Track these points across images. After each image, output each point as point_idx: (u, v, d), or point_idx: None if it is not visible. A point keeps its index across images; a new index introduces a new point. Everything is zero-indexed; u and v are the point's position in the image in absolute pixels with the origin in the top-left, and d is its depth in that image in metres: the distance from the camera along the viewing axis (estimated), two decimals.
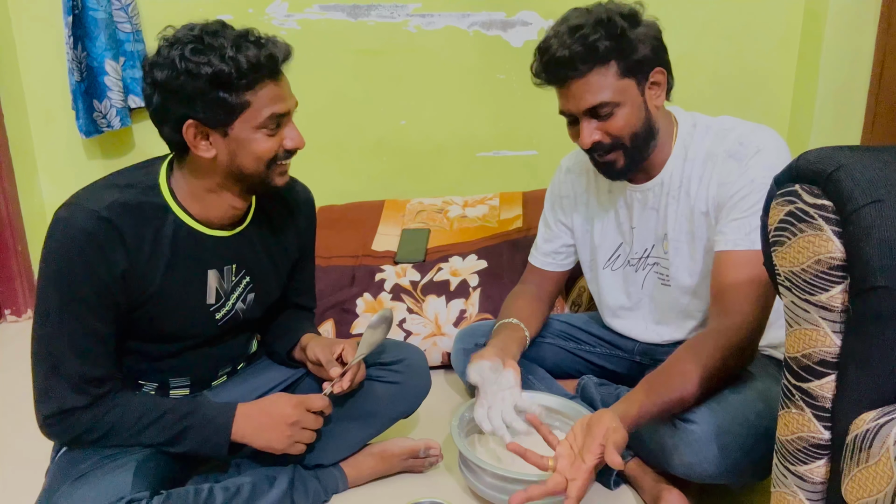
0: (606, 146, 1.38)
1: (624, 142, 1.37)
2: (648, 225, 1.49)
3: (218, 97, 1.16)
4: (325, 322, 1.97)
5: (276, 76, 1.20)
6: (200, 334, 1.34)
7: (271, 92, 1.19)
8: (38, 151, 2.44)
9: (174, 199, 1.26)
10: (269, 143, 1.22)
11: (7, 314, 2.38)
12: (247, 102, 1.18)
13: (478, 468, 1.40)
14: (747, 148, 1.35)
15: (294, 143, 1.25)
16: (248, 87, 1.17)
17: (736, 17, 2.45)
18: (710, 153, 1.40)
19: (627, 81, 1.34)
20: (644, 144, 1.40)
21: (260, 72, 1.16)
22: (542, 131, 2.52)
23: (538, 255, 1.70)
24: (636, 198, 1.49)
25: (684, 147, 1.43)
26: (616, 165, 1.40)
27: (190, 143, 1.20)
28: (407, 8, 2.40)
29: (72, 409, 1.21)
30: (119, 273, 1.19)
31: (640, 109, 1.36)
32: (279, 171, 1.27)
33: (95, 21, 2.21)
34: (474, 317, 1.95)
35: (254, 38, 1.18)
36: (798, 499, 0.99)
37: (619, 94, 1.33)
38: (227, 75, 1.14)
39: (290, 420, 1.30)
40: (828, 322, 0.92)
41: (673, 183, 1.44)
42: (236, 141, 1.20)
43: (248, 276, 1.37)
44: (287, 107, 1.23)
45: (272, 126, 1.21)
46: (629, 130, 1.36)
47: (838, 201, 0.89)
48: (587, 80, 1.32)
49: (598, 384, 1.62)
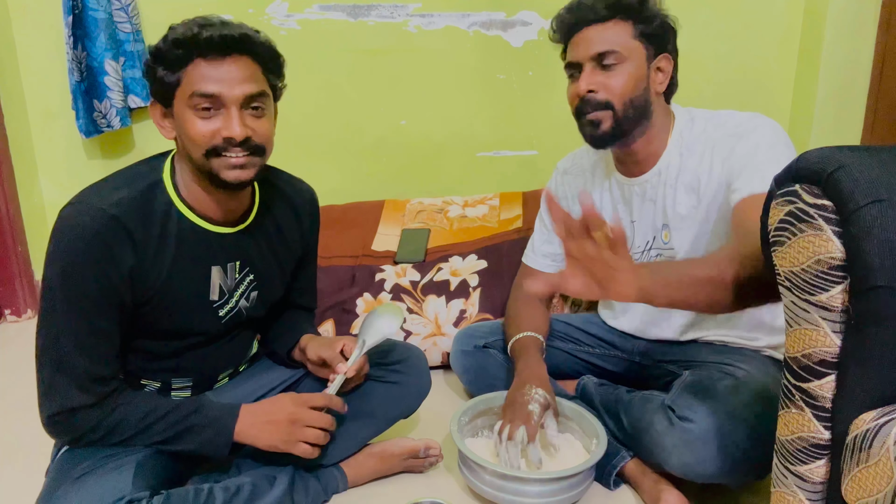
0: (599, 101, 1.39)
1: (615, 104, 1.38)
2: (648, 217, 1.50)
3: (157, 73, 1.19)
4: (325, 322, 1.97)
5: (207, 56, 1.17)
6: (204, 332, 1.34)
7: (202, 71, 1.17)
8: (38, 151, 2.44)
9: (178, 196, 1.26)
10: (199, 125, 1.18)
11: (7, 314, 2.38)
12: (178, 79, 1.19)
13: (477, 467, 1.40)
14: (745, 126, 1.39)
15: (228, 131, 1.17)
16: (177, 63, 1.18)
17: (736, 17, 2.45)
18: (708, 138, 1.42)
19: (638, 45, 1.39)
20: (634, 118, 1.40)
21: (185, 49, 1.17)
22: (542, 131, 2.52)
23: (535, 256, 1.70)
24: (634, 191, 1.49)
25: (681, 138, 1.45)
26: (601, 126, 1.40)
27: (155, 121, 1.24)
28: (407, 8, 2.40)
29: (77, 408, 1.21)
30: (126, 271, 1.19)
31: (641, 78, 1.40)
32: (225, 165, 1.19)
33: (95, 21, 2.21)
34: (474, 317, 1.95)
35: (203, 22, 1.19)
36: (798, 499, 0.99)
37: (629, 51, 1.38)
38: (160, 50, 1.18)
39: (291, 417, 1.30)
40: (828, 322, 0.92)
41: (670, 173, 1.45)
42: (178, 120, 1.21)
43: (251, 274, 1.37)
44: (217, 89, 1.17)
45: (203, 106, 1.18)
46: (625, 93, 1.38)
47: (838, 201, 0.89)
48: (604, 26, 1.38)
49: (598, 384, 1.62)
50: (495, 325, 1.76)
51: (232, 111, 1.18)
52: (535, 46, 2.44)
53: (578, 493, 1.40)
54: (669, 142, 1.45)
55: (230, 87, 1.18)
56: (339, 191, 2.49)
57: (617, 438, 1.49)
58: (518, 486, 1.37)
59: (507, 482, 1.37)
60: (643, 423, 1.40)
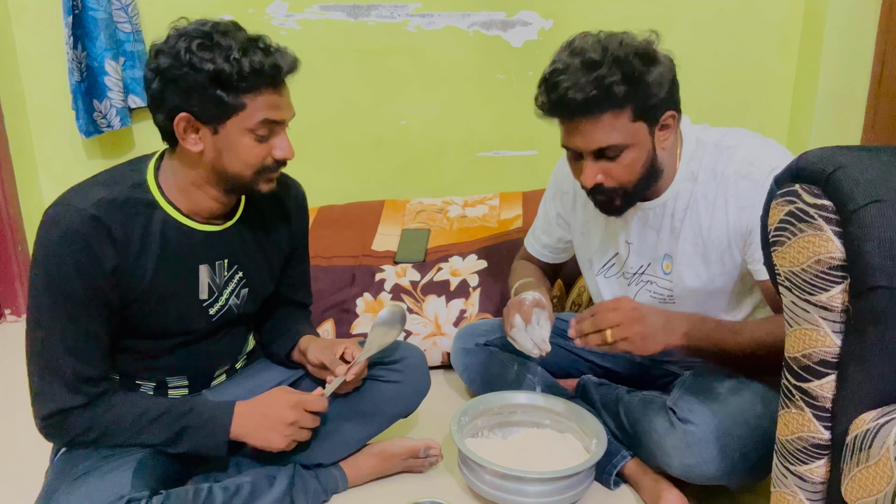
0: (608, 189, 1.33)
1: (626, 187, 1.33)
2: (647, 243, 1.47)
3: (215, 95, 1.16)
4: (325, 322, 1.96)
5: (276, 85, 1.20)
6: (194, 330, 1.34)
7: (269, 99, 1.20)
8: (38, 151, 2.44)
9: (162, 195, 1.26)
10: (256, 149, 1.22)
11: (7, 314, 2.38)
12: (242, 105, 1.18)
13: (477, 466, 1.40)
14: (760, 168, 1.30)
15: (283, 153, 1.25)
16: (246, 90, 1.17)
17: (736, 17, 2.45)
18: (718, 174, 1.35)
19: (639, 125, 1.28)
20: (645, 185, 1.35)
21: (261, 78, 1.17)
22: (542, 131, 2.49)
23: (535, 244, 1.70)
24: (636, 216, 1.45)
25: (690, 168, 1.38)
26: (613, 204, 1.37)
27: (179, 134, 1.20)
28: (407, 8, 2.40)
29: (68, 410, 1.21)
30: (109, 270, 1.19)
31: (647, 152, 1.31)
32: (266, 179, 1.27)
33: (95, 21, 2.21)
34: (474, 317, 1.95)
35: (263, 46, 1.19)
36: (798, 499, 0.99)
37: (630, 137, 1.28)
38: (228, 75, 1.15)
39: (288, 420, 1.30)
40: (828, 322, 0.92)
41: (678, 205, 1.40)
42: (225, 140, 1.21)
43: (240, 271, 1.37)
44: (282, 116, 1.23)
45: (263, 132, 1.21)
46: (633, 175, 1.31)
47: (838, 201, 0.89)
48: (599, 120, 1.26)
49: (598, 384, 1.61)
50: (496, 323, 1.76)
51: (284, 134, 1.25)
52: (535, 46, 2.44)
53: (578, 492, 1.40)
54: (678, 173, 1.39)
55: (286, 113, 1.24)
56: (339, 191, 2.49)
57: (617, 438, 1.49)
58: (518, 486, 1.37)
59: (506, 482, 1.37)
60: (644, 425, 1.40)
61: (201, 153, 1.22)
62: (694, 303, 1.44)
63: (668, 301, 1.48)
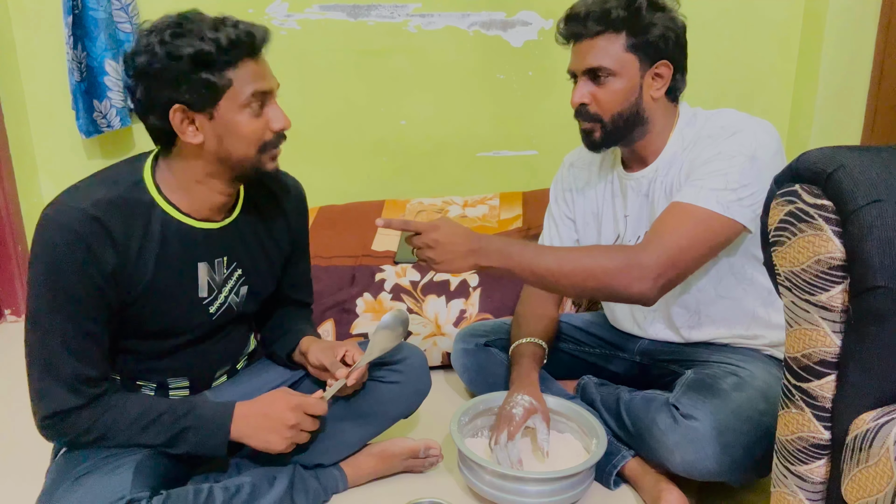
0: (589, 114, 1.41)
1: (603, 117, 1.40)
2: (641, 213, 1.50)
3: (201, 78, 1.17)
4: (325, 322, 1.96)
5: (255, 54, 1.21)
6: (195, 329, 1.34)
7: (252, 69, 1.20)
8: (38, 151, 2.44)
9: (160, 194, 1.26)
10: (253, 124, 1.22)
11: (7, 314, 2.38)
12: (229, 81, 1.18)
13: (477, 467, 1.40)
14: (726, 130, 1.37)
15: (280, 123, 1.24)
16: (228, 64, 1.17)
17: (736, 17, 2.45)
18: (699, 136, 1.41)
19: (630, 57, 1.37)
20: (625, 128, 1.41)
21: (240, 48, 1.18)
22: (542, 131, 2.52)
23: None
24: (630, 185, 1.50)
25: (682, 136, 1.44)
26: (592, 135, 1.43)
27: (177, 128, 1.20)
28: (407, 8, 2.40)
29: (68, 410, 1.21)
30: (109, 271, 1.19)
31: (633, 90, 1.39)
32: (270, 156, 1.27)
33: (95, 21, 2.21)
34: (474, 317, 1.95)
35: (231, 22, 1.19)
36: (798, 499, 0.99)
37: (619, 65, 1.37)
38: (208, 54, 1.15)
39: (289, 423, 1.30)
40: (828, 322, 0.92)
41: (665, 170, 1.45)
42: (223, 123, 1.20)
43: (239, 269, 1.37)
44: (269, 85, 1.23)
45: (255, 105, 1.21)
46: (613, 107, 1.39)
47: (838, 201, 0.89)
48: (594, 42, 1.37)
49: (598, 384, 1.62)
50: (497, 324, 1.76)
51: (276, 105, 1.25)
52: (534, 46, 2.44)
53: (578, 492, 1.40)
54: (670, 140, 1.45)
55: (271, 82, 1.24)
56: (339, 191, 2.49)
57: (618, 437, 1.49)
58: (518, 486, 1.37)
59: (507, 482, 1.37)
60: (646, 422, 1.40)
61: (202, 144, 1.22)
62: None
63: None
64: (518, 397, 1.46)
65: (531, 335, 1.58)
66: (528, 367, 1.53)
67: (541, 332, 1.60)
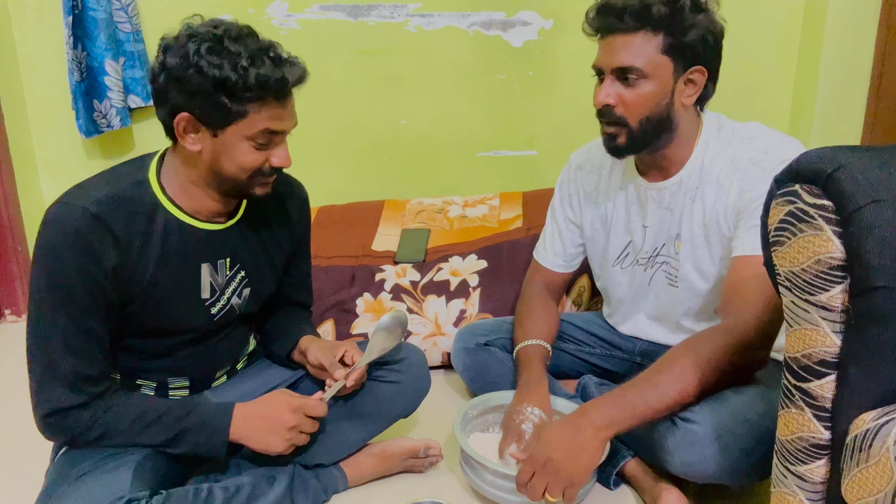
0: (614, 116, 1.34)
1: (630, 121, 1.34)
2: (662, 224, 1.48)
3: (219, 100, 1.16)
4: (325, 322, 1.97)
5: (281, 97, 1.20)
6: (196, 329, 1.34)
7: (272, 110, 1.19)
8: (38, 151, 2.44)
9: (164, 194, 1.26)
10: (253, 155, 1.22)
11: (7, 314, 2.38)
12: (245, 112, 1.18)
13: (479, 465, 1.40)
14: (772, 158, 1.32)
15: (280, 162, 1.25)
16: (251, 100, 1.17)
17: (736, 17, 2.43)
18: (734, 159, 1.36)
19: (665, 60, 1.30)
20: (653, 134, 1.36)
21: (266, 90, 1.16)
22: (542, 131, 2.52)
23: (547, 254, 1.69)
24: (651, 196, 1.47)
25: (706, 149, 1.40)
26: (616, 140, 1.37)
27: (178, 133, 1.20)
28: (407, 8, 2.40)
29: (68, 409, 1.21)
30: (110, 269, 1.19)
31: (664, 95, 1.33)
32: (261, 184, 1.27)
33: (95, 21, 2.21)
34: (474, 317, 1.95)
35: (273, 55, 1.18)
36: (798, 499, 0.99)
37: (652, 67, 1.30)
38: (234, 84, 1.14)
39: (288, 424, 1.30)
40: (828, 322, 0.92)
41: (691, 184, 1.41)
42: (223, 144, 1.20)
43: (242, 271, 1.37)
44: (284, 126, 1.23)
45: (262, 140, 1.21)
46: (643, 110, 1.33)
47: (838, 201, 0.89)
48: (629, 39, 1.30)
49: (598, 384, 1.61)
50: (497, 323, 1.76)
51: (284, 145, 1.25)
52: (535, 46, 2.44)
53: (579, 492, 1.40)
54: (694, 151, 1.40)
55: (287, 124, 1.23)
56: (339, 191, 2.49)
57: (618, 437, 1.49)
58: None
59: (508, 481, 1.37)
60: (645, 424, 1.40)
61: (199, 153, 1.22)
62: (693, 290, 1.46)
63: (674, 283, 1.49)
64: (528, 410, 1.44)
65: (536, 336, 1.58)
66: (538, 375, 1.50)
67: (544, 333, 1.59)
